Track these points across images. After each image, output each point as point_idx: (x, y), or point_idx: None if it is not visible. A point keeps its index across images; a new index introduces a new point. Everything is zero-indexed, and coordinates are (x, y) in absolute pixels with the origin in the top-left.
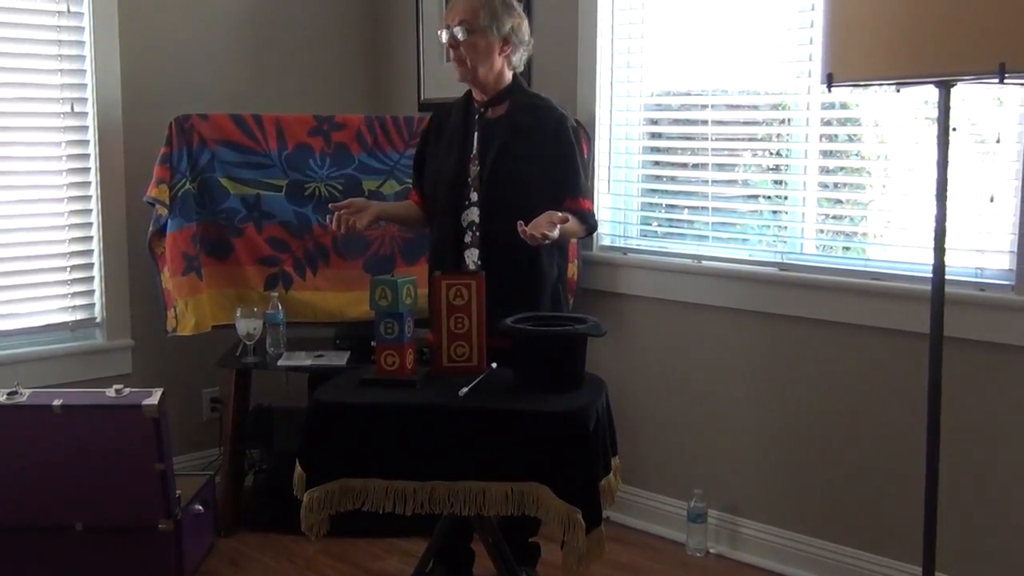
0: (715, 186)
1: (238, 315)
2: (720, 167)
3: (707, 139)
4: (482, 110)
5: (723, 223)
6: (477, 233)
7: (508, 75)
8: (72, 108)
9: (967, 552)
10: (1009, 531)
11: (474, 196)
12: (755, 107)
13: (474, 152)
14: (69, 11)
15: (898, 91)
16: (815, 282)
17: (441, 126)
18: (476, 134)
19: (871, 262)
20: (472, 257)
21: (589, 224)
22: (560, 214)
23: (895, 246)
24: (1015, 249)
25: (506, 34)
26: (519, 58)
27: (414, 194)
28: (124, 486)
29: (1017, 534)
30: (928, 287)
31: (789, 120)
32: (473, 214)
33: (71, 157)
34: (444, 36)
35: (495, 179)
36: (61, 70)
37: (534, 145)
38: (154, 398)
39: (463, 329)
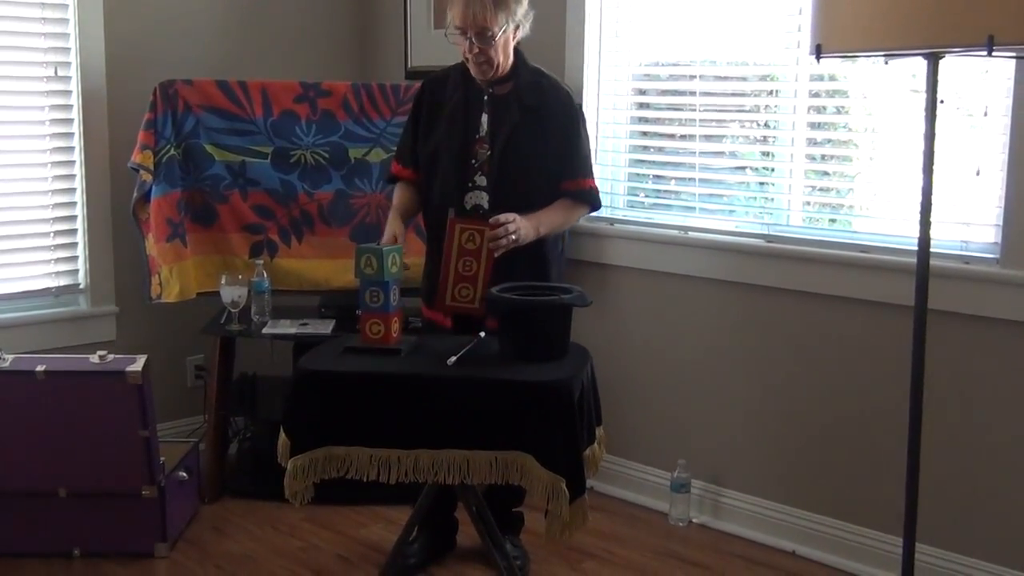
0: (702, 157)
1: (223, 282)
2: (708, 138)
3: (695, 110)
4: (489, 89)
5: (710, 194)
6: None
7: (513, 52)
8: (56, 72)
9: (949, 523)
10: (990, 502)
11: (480, 180)
12: (743, 78)
13: (482, 134)
14: None
15: (886, 63)
16: (801, 254)
17: (436, 99)
18: (485, 115)
19: (857, 234)
20: None
21: (588, 202)
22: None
23: (881, 218)
24: (1000, 222)
25: (518, 21)
26: (526, 30)
27: (406, 170)
28: (108, 452)
29: (998, 505)
30: (913, 260)
31: (777, 91)
32: (479, 198)
33: (54, 122)
34: (461, 43)
35: (506, 164)
36: (44, 33)
37: (542, 126)
38: (138, 365)
39: (470, 272)
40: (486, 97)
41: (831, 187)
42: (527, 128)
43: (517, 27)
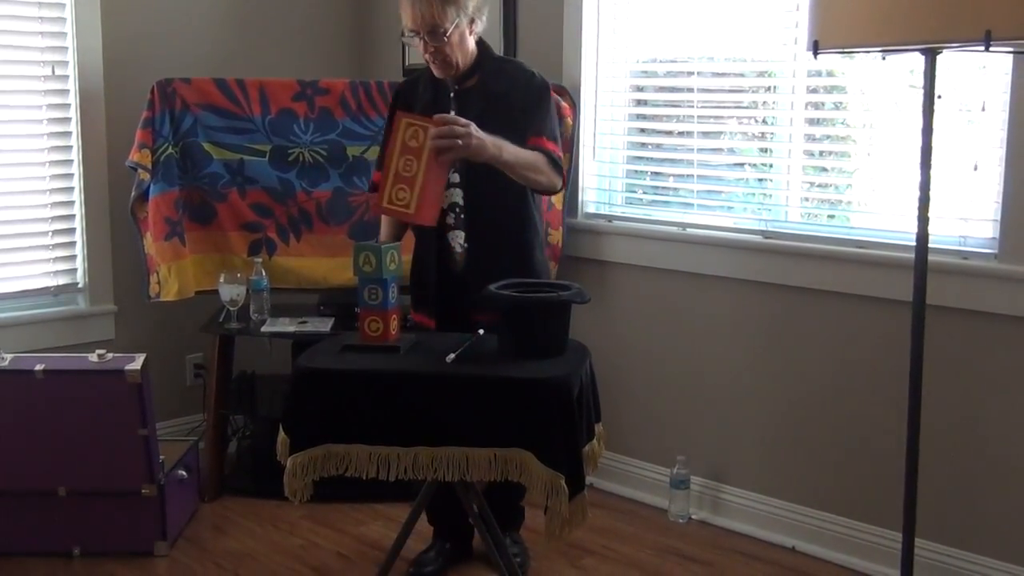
0: (700, 154)
1: (221, 281)
2: (705, 135)
3: (693, 107)
4: (456, 86)
5: (708, 191)
6: (461, 215)
7: (475, 46)
8: (53, 71)
9: (948, 518)
10: (990, 497)
11: (454, 177)
12: (741, 75)
13: None
14: None
15: (884, 59)
16: (799, 250)
17: (409, 103)
18: (453, 113)
19: (855, 230)
20: (458, 240)
21: (556, 165)
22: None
23: (879, 214)
24: (998, 217)
25: (472, 15)
26: (483, 23)
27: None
28: (107, 451)
29: (998, 500)
30: (912, 255)
31: (775, 88)
32: (455, 195)
33: (52, 120)
34: (417, 44)
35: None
36: (42, 32)
37: (508, 111)
38: (137, 363)
39: (410, 173)
40: (452, 95)
41: (829, 183)
42: (493, 117)
43: (472, 21)
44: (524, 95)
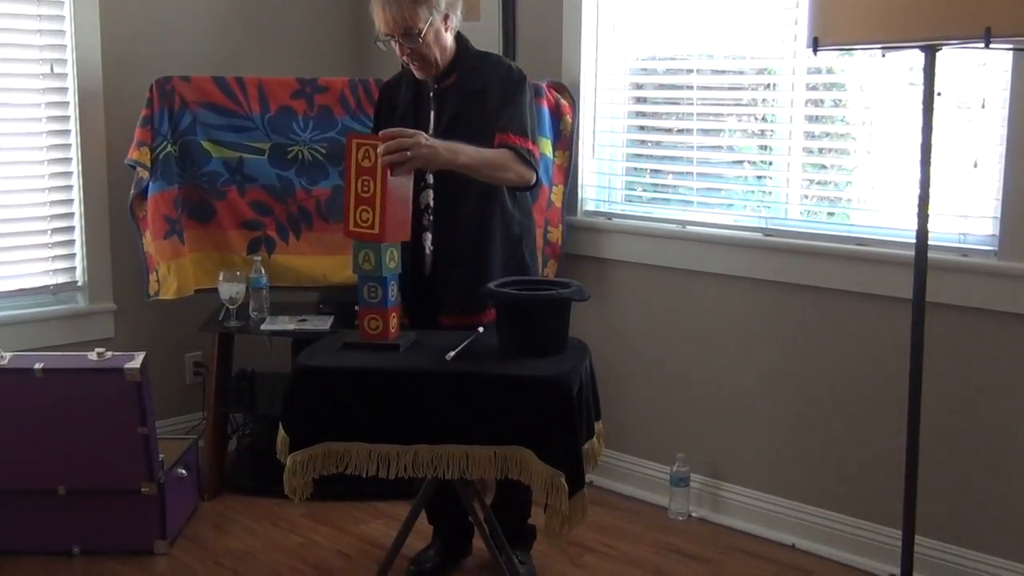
0: (700, 151)
1: (221, 279)
2: (705, 132)
3: (692, 104)
4: (435, 85)
5: (708, 188)
6: (431, 217)
7: (452, 42)
8: (52, 69)
9: (948, 515)
10: (990, 494)
11: (430, 177)
12: (740, 72)
13: (430, 131)
14: None
15: (883, 56)
16: (799, 247)
17: (392, 101)
18: (432, 112)
19: (855, 227)
20: (427, 241)
21: (525, 160)
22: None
23: (879, 211)
24: (998, 215)
25: (445, 11)
26: (459, 17)
27: None
28: (106, 450)
29: (998, 497)
30: (912, 252)
31: (774, 85)
32: (428, 197)
33: (51, 119)
34: (395, 47)
35: None
36: (40, 30)
37: (484, 107)
38: (136, 362)
39: (368, 193)
40: (431, 94)
41: (829, 180)
42: (469, 114)
43: (446, 17)
44: (500, 90)
